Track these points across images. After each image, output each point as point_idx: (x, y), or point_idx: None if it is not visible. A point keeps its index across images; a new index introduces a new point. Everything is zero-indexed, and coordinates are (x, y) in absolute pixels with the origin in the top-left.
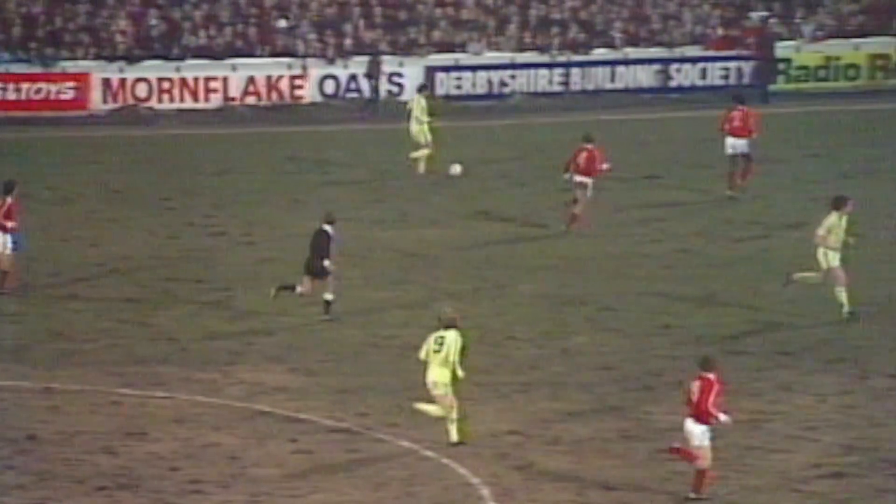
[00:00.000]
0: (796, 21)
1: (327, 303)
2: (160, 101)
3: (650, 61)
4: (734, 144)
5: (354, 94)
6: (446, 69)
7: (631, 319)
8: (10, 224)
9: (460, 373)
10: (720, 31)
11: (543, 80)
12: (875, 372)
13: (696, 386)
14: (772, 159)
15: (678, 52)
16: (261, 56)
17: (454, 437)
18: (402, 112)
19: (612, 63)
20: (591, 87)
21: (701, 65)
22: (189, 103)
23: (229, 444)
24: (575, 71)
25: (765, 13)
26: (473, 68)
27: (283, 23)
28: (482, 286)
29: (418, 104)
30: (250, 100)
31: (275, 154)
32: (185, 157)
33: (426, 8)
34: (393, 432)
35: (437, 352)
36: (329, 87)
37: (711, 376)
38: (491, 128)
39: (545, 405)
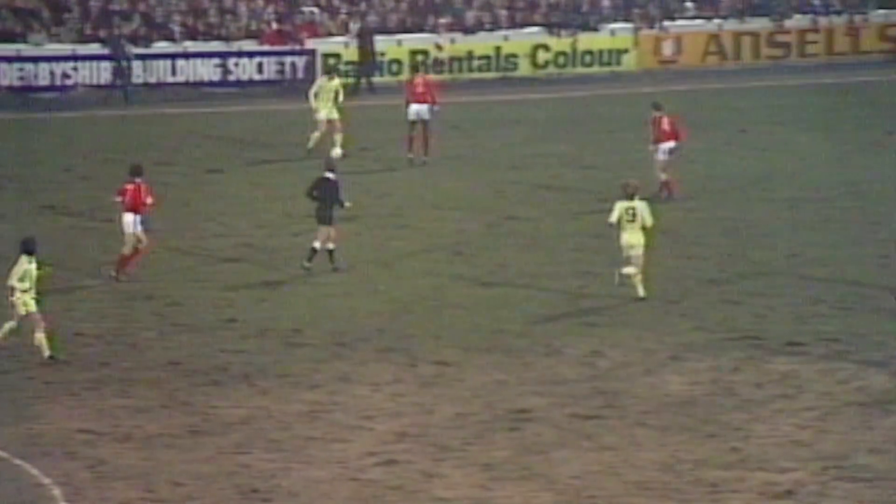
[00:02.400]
0: (343, 17)
1: (330, 252)
2: None
3: (209, 55)
4: (417, 111)
5: None
6: (8, 59)
7: (197, 314)
8: (149, 201)
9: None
10: (274, 26)
11: (106, 73)
12: (422, 360)
13: None
14: (324, 154)
15: (236, 46)
16: None
17: (641, 292)
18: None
19: (173, 56)
20: (152, 79)
21: (257, 59)
22: None
23: None
24: (136, 63)
25: (314, 8)
26: (35, 59)
27: None
28: (49, 282)
29: (327, 87)
30: None
31: None
32: None
33: None
34: None
35: (630, 221)
36: None
37: None
38: (54, 120)
39: (115, 402)
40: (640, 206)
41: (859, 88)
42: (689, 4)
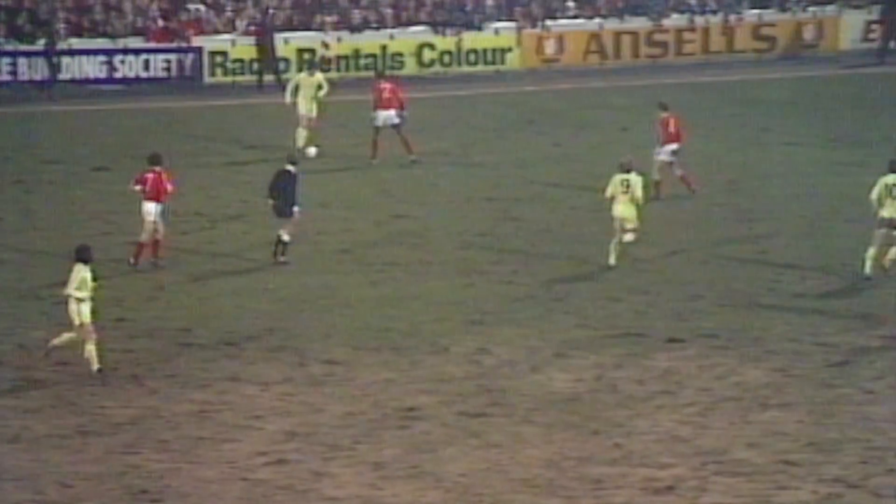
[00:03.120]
0: (229, 14)
1: (284, 244)
2: None
3: (95, 52)
4: (385, 117)
5: None
6: None
7: None
8: (170, 189)
9: (640, 196)
10: (160, 23)
11: None
12: (312, 359)
13: None
14: (211, 152)
15: (121, 43)
16: None
17: (613, 260)
18: None
19: (59, 53)
20: (38, 77)
21: (144, 56)
22: None
23: None
24: (22, 61)
25: (200, 6)
26: None
27: None
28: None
29: (308, 83)
30: None
31: None
32: None
33: None
34: None
35: (625, 192)
36: None
37: None
38: None
39: (3, 402)
40: (634, 179)
41: (734, 87)
42: (570, 4)
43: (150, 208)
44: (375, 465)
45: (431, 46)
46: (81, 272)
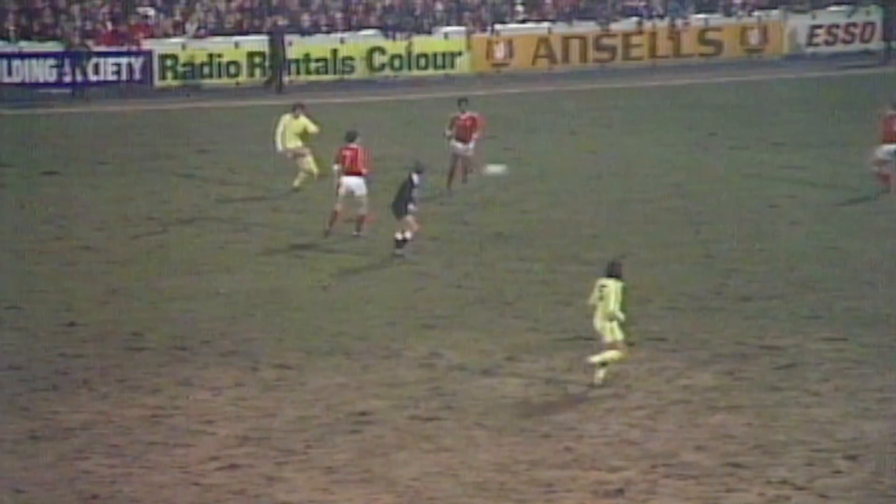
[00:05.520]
0: (178, 18)
1: (403, 241)
2: None
3: (45, 55)
4: (464, 148)
5: None
6: None
7: (37, 318)
8: (365, 170)
9: None
10: (109, 27)
11: None
12: (264, 363)
13: None
14: (162, 156)
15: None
16: None
17: None
18: None
19: (9, 56)
20: None
21: (93, 60)
22: None
23: None
24: None
25: (149, 9)
26: None
27: None
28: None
29: (292, 126)
30: None
31: None
32: None
33: None
34: None
35: None
36: None
37: None
38: None
39: None
40: None
41: (681, 91)
42: (519, 8)
43: (347, 181)
44: (327, 469)
45: (382, 50)
46: (616, 289)
